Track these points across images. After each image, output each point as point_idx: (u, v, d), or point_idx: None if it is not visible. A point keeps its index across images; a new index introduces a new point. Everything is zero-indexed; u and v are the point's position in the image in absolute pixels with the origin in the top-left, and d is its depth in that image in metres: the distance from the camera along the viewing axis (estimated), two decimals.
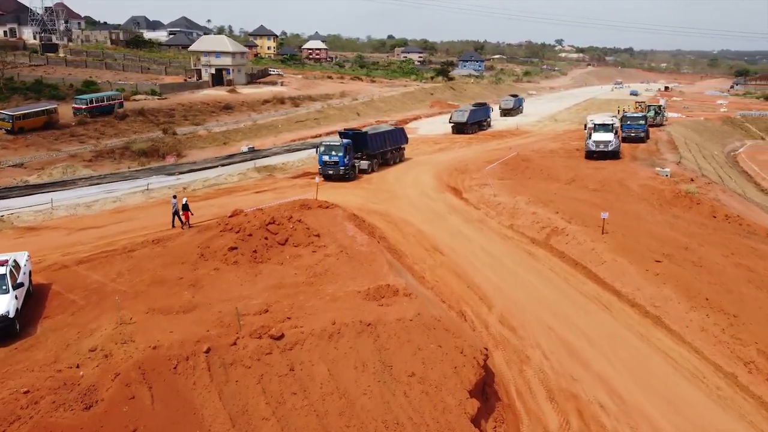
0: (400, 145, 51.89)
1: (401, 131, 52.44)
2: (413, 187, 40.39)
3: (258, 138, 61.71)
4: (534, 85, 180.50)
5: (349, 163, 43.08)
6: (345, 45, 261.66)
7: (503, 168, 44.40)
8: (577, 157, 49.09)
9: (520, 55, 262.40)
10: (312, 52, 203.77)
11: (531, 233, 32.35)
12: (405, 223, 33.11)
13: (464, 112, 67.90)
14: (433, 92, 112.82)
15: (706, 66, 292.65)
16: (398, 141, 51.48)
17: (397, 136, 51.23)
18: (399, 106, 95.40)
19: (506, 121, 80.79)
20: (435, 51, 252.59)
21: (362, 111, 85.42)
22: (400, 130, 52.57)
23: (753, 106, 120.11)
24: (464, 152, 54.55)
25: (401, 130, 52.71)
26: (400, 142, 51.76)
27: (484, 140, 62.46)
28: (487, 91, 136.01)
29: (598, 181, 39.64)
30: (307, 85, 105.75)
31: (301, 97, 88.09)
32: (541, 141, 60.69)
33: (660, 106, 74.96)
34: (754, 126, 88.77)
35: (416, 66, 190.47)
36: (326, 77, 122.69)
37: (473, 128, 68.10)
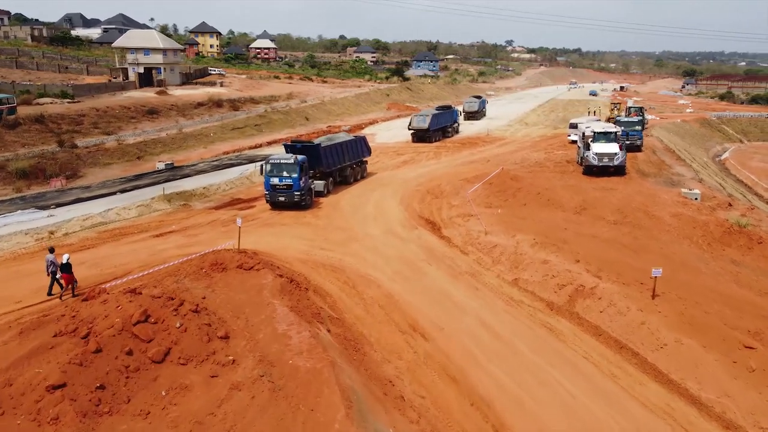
0: (361, 158, 41.43)
1: (362, 141, 41.88)
2: (376, 221, 29.79)
3: (182, 150, 49.88)
4: (490, 85, 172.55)
5: (305, 186, 32.44)
6: (295, 44, 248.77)
7: (488, 190, 34.26)
8: (573, 173, 39.44)
9: (473, 56, 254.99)
10: (260, 52, 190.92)
11: (546, 294, 22.29)
12: (367, 281, 22.52)
13: (426, 116, 57.45)
14: (389, 93, 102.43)
15: (653, 66, 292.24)
16: (359, 153, 41.02)
17: (357, 148, 40.77)
18: (353, 108, 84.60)
19: (473, 125, 71.07)
20: (388, 51, 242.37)
21: (312, 115, 74.23)
22: (361, 139, 41.97)
23: (715, 107, 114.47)
24: (434, 166, 44.26)
25: (362, 139, 42.11)
26: (361, 155, 41.30)
27: (453, 150, 52.36)
28: (445, 92, 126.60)
29: (616, 209, 29.88)
30: (251, 85, 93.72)
31: (242, 100, 76.22)
32: (520, 150, 50.99)
33: (642, 108, 66.55)
34: (731, 128, 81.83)
35: (369, 66, 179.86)
36: (273, 77, 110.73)
37: (437, 135, 57.92)
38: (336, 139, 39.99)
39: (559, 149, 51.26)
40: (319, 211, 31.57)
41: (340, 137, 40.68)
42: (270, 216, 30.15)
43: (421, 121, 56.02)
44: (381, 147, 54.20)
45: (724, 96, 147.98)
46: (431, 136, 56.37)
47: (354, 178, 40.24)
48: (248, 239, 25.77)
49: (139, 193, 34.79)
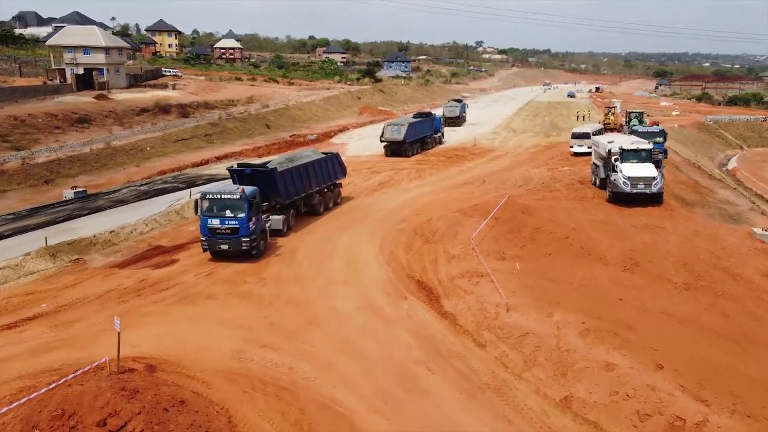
0: (333, 181, 32.32)
1: (334, 160, 32.74)
2: (348, 285, 20.52)
3: (107, 170, 39.75)
4: (464, 86, 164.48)
5: (257, 228, 23.58)
6: (263, 45, 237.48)
7: (496, 229, 25.32)
8: (593, 199, 30.84)
9: (445, 56, 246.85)
10: (225, 52, 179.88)
11: (622, 430, 13.43)
12: (333, 419, 13.35)
13: (401, 126, 47.07)
14: (360, 96, 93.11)
15: (623, 67, 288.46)
16: (331, 175, 32.01)
17: (328, 169, 31.80)
18: (321, 113, 75.06)
19: (455, 132, 62.21)
20: (358, 52, 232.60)
21: (273, 122, 64.46)
22: (333, 158, 32.76)
23: (700, 109, 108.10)
24: (418, 189, 35.16)
25: (334, 158, 32.91)
26: (333, 177, 32.30)
27: (438, 165, 43.34)
28: (420, 94, 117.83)
29: (679, 263, 21.22)
30: (208, 88, 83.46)
31: (195, 104, 66.08)
32: (517, 165, 42.29)
33: (642, 113, 58.65)
34: (729, 133, 74.76)
35: (339, 67, 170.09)
36: (235, 79, 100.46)
37: (414, 148, 48.40)
38: (300, 159, 30.62)
39: (563, 164, 42.72)
40: (267, 268, 22.14)
41: (304, 156, 31.28)
42: (193, 282, 20.62)
43: (395, 132, 46.58)
44: (353, 161, 44.87)
45: (701, 97, 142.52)
46: (408, 149, 46.99)
47: (325, 207, 31.13)
48: (151, 331, 16.40)
49: (22, 240, 24.85)
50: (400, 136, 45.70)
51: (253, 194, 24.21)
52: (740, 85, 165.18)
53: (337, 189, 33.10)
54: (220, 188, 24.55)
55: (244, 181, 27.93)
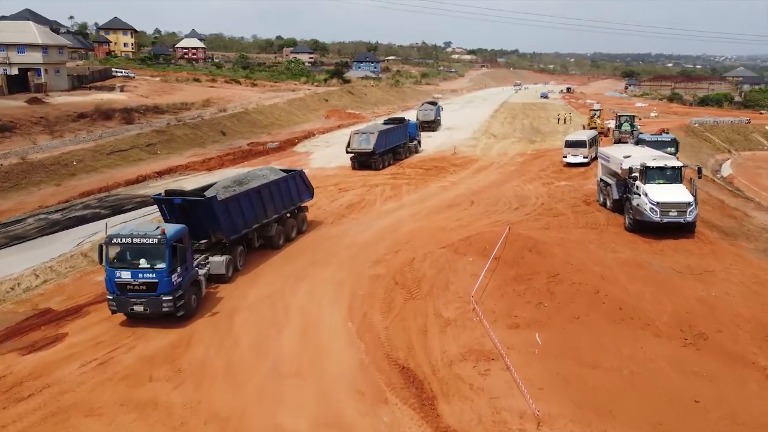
0: (297, 204, 26.01)
1: (297, 180, 26.40)
2: (301, 381, 13.97)
3: (16, 191, 32.18)
4: (435, 87, 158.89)
5: (184, 280, 17.50)
6: (228, 45, 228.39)
7: (501, 278, 19.13)
8: (608, 226, 24.99)
9: (414, 57, 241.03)
10: (188, 52, 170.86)
11: None
12: None
13: (369, 135, 39.91)
14: (328, 98, 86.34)
15: (590, 67, 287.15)
16: (292, 199, 25.62)
17: (289, 191, 25.42)
18: (284, 117, 68.11)
19: (431, 138, 56.03)
20: (326, 52, 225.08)
21: (230, 128, 57.34)
22: (295, 177, 26.30)
23: (677, 110, 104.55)
24: (395, 214, 28.74)
25: (297, 177, 26.47)
26: (296, 200, 25.97)
27: (417, 180, 37.06)
28: (390, 96, 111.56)
29: (759, 332, 15.39)
30: (161, 90, 75.70)
31: (143, 109, 58.51)
32: (507, 179, 36.29)
33: (633, 116, 53.39)
34: (715, 136, 70.37)
35: (307, 67, 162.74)
36: (193, 80, 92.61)
37: (386, 159, 41.68)
38: (252, 180, 24.02)
39: (557, 176, 36.95)
40: (189, 349, 15.48)
41: (258, 177, 24.67)
42: (74, 380, 13.87)
43: (363, 141, 39.84)
44: (318, 175, 38.33)
45: (672, 97, 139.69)
46: (378, 160, 40.21)
47: (286, 238, 24.77)
48: None
49: None
50: (369, 147, 39.12)
51: (179, 236, 17.69)
52: (709, 85, 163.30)
53: (302, 214, 26.66)
54: (132, 229, 17.80)
55: (174, 213, 21.36)
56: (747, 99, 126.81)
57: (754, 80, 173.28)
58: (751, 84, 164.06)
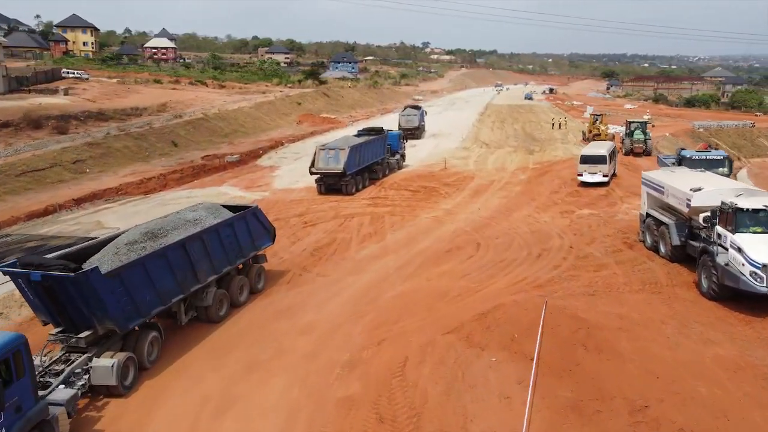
0: (248, 255, 18.51)
1: (248, 221, 18.57)
2: None
3: None
4: (414, 88, 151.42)
5: (15, 427, 9.34)
6: (202, 45, 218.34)
7: (552, 406, 11.52)
8: (673, 287, 17.59)
9: (393, 57, 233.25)
10: (157, 52, 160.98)
11: None
12: None
13: (339, 151, 31.47)
14: (301, 101, 78.15)
15: (569, 67, 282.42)
16: (240, 249, 18.03)
17: (234, 239, 17.83)
18: (250, 124, 59.85)
19: (415, 147, 48.34)
20: (303, 52, 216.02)
21: (184, 137, 48.95)
22: (245, 218, 18.53)
23: (668, 112, 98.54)
24: (376, 266, 20.80)
25: (248, 217, 18.69)
26: (245, 250, 18.34)
27: (403, 208, 29.23)
28: (368, 97, 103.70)
29: None
30: (114, 93, 66.84)
31: (83, 116, 49.89)
32: (516, 205, 28.69)
33: (646, 123, 46.40)
34: (721, 141, 63.97)
35: (283, 68, 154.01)
36: (153, 81, 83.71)
37: (360, 180, 33.42)
38: (171, 232, 16.19)
39: (574, 200, 29.55)
40: None
41: (185, 224, 16.83)
42: None
43: (331, 159, 31.32)
44: (279, 203, 30.43)
45: (657, 98, 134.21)
46: (350, 183, 31.66)
47: (232, 303, 17.37)
48: None
49: None
50: (339, 166, 30.85)
51: (11, 352, 10.05)
52: (692, 85, 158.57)
53: (258, 266, 18.93)
54: None
55: (37, 293, 13.63)
56: (734, 100, 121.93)
57: (735, 80, 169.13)
58: (734, 84, 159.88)
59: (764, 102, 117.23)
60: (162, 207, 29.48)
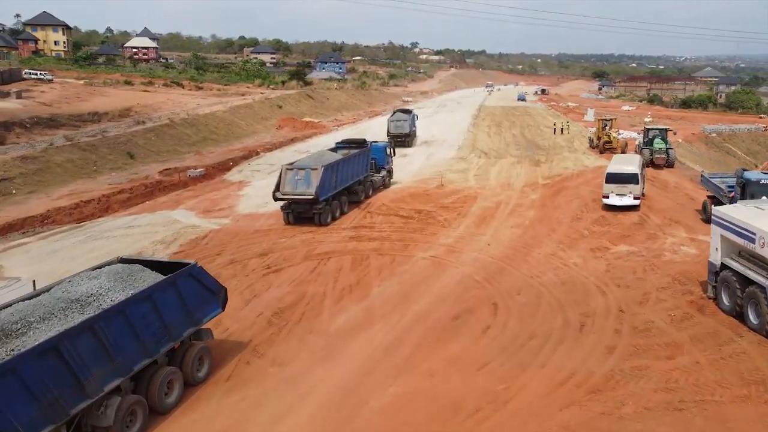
0: (182, 336, 13.00)
1: (180, 286, 12.66)
2: None
3: None
4: (403, 89, 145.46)
5: None
6: (186, 45, 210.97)
7: None
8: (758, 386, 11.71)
9: (381, 57, 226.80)
10: (138, 52, 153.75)
11: None
12: None
13: (309, 171, 24.93)
14: (282, 104, 71.80)
15: (559, 68, 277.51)
16: (167, 331, 12.18)
17: (156, 315, 12.04)
18: (223, 130, 53.47)
19: (406, 158, 42.33)
20: (290, 52, 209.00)
21: (143, 148, 42.47)
22: (175, 282, 12.74)
23: (670, 114, 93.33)
24: (355, 344, 14.78)
25: (180, 281, 12.82)
26: (175, 331, 12.61)
27: (393, 241, 23.14)
28: (356, 99, 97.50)
29: None
30: (76, 96, 60.22)
31: (30, 122, 43.45)
32: (533, 239, 22.72)
33: (666, 129, 40.66)
34: (735, 147, 58.71)
35: (268, 68, 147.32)
36: (124, 83, 77.03)
37: (337, 206, 26.58)
38: (34, 324, 10.28)
39: (606, 232, 23.64)
40: None
41: (70, 299, 10.98)
42: None
43: (301, 182, 24.59)
44: (242, 231, 24.28)
45: (652, 99, 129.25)
46: (325, 211, 25.04)
47: (154, 409, 11.70)
48: None
49: None
50: (310, 190, 24.34)
51: None
52: (685, 85, 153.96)
53: (198, 348, 13.03)
54: None
55: None
56: (730, 100, 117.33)
57: (729, 81, 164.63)
58: (727, 84, 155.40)
59: (761, 103, 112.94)
60: (91, 242, 23.25)
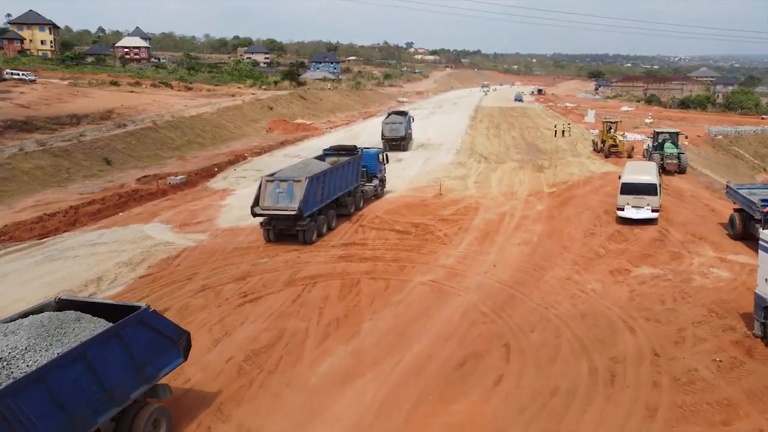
0: (118, 404, 10.06)
1: (130, 335, 10.20)
2: None
3: None
4: (398, 89, 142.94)
5: None
6: (179, 44, 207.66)
7: None
8: None
9: (376, 57, 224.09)
10: (129, 52, 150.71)
11: None
12: None
13: (292, 183, 21.90)
14: (274, 105, 69.10)
15: (554, 68, 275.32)
16: (97, 403, 9.27)
17: (95, 381, 9.43)
18: (209, 133, 50.76)
19: (401, 163, 39.78)
20: (284, 52, 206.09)
21: (122, 152, 39.74)
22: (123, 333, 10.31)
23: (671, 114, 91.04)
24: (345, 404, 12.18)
25: (134, 328, 10.35)
26: (121, 395, 10.05)
27: (387, 261, 20.58)
28: (350, 100, 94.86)
29: None
30: (57, 97, 57.34)
31: (3, 126, 40.65)
32: (547, 262, 20.15)
33: (677, 133, 38.25)
34: (743, 149, 56.40)
35: (262, 68, 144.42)
36: (110, 83, 74.12)
37: (324, 221, 23.43)
38: None
39: (624, 250, 21.07)
40: None
41: None
42: None
43: (283, 196, 21.73)
44: (219, 249, 21.61)
45: (650, 99, 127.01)
46: (309, 228, 22.14)
47: None
48: None
49: None
50: (293, 204, 21.51)
51: None
52: (682, 85, 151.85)
53: (151, 411, 10.32)
54: None
55: None
56: (729, 101, 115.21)
57: (726, 81, 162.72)
58: (724, 84, 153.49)
59: (760, 103, 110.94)
60: (48, 264, 20.57)
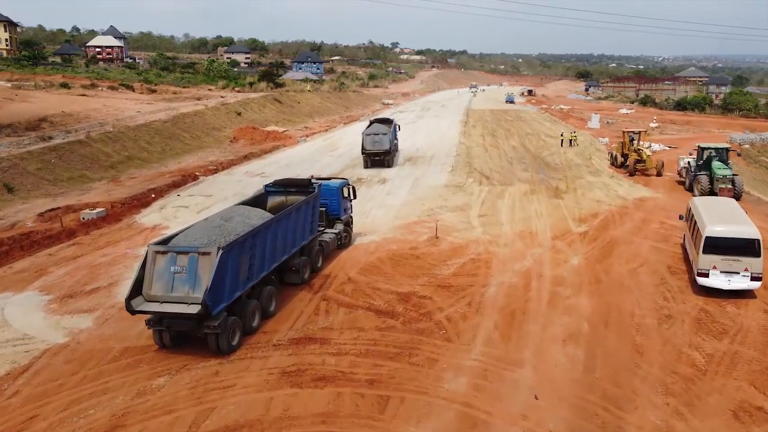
0: None
1: None
2: None
3: None
4: (383, 90, 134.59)
5: None
6: (157, 44, 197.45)
7: None
8: None
9: (361, 57, 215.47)
10: (102, 51, 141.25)
11: None
12: None
13: (197, 258, 12.57)
14: (243, 110, 60.46)
15: (541, 68, 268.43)
16: None
17: None
18: (157, 147, 42.05)
19: (385, 186, 31.61)
20: (266, 52, 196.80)
21: (32, 177, 30.99)
22: None
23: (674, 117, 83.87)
24: None
25: None
26: None
27: (348, 407, 12.47)
28: (330, 103, 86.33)
29: None
30: None
31: None
32: (622, 391, 12.16)
33: (728, 149, 30.37)
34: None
35: (241, 69, 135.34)
36: (60, 85, 65.02)
37: (252, 313, 14.00)
38: None
39: (736, 355, 12.93)
40: None
41: None
42: None
43: (181, 278, 12.12)
44: (95, 355, 13.36)
45: (645, 101, 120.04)
46: (223, 329, 12.84)
47: None
48: None
49: None
50: (195, 294, 12.05)
51: None
52: (675, 86, 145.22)
53: None
54: None
55: None
56: (727, 102, 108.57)
57: (719, 81, 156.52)
58: (717, 84, 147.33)
59: (759, 104, 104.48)
60: None
